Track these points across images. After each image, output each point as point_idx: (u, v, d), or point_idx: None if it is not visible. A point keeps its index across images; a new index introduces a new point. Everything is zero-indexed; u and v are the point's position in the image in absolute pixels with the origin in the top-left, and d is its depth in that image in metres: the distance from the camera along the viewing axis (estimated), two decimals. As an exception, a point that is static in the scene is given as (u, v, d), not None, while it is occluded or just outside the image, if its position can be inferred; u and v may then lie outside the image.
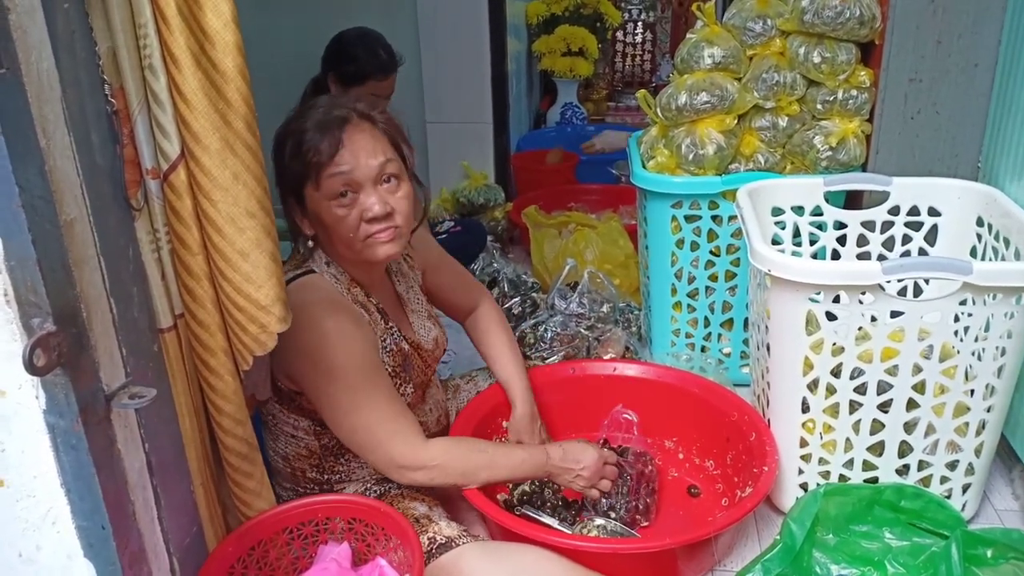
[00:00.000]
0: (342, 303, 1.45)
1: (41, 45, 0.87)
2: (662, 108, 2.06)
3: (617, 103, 4.73)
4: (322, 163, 1.35)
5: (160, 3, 0.99)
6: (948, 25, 1.88)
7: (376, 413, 1.41)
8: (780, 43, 2.01)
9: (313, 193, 1.39)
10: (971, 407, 1.56)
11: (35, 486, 0.97)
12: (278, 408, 1.52)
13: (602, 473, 1.58)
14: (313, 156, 1.36)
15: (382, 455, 1.42)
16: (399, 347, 1.54)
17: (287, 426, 1.53)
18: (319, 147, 1.35)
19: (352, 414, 1.41)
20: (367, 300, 1.52)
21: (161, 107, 1.03)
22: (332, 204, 1.38)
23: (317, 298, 1.42)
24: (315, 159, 1.36)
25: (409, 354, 1.57)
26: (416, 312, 1.65)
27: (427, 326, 1.66)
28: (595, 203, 3.39)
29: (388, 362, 1.52)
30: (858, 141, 1.99)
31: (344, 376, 1.39)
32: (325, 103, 1.42)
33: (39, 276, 0.86)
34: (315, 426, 1.52)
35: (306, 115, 1.40)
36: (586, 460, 1.55)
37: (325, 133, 1.36)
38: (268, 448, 1.58)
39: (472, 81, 3.29)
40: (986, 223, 1.75)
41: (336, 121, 1.37)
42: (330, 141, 1.35)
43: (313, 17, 3.23)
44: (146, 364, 1.08)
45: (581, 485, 1.57)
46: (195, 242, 1.11)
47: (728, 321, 2.18)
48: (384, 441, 1.42)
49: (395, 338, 1.55)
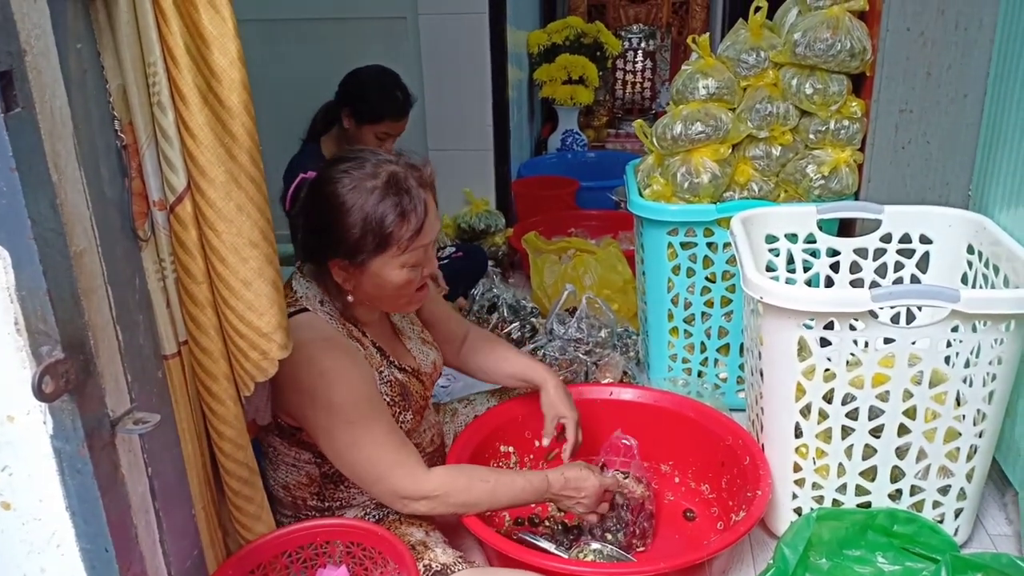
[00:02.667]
0: (338, 340, 1.47)
1: (55, 84, 0.91)
2: (658, 138, 2.10)
3: (617, 130, 4.78)
4: (409, 239, 1.41)
5: (169, 42, 1.03)
6: (937, 57, 1.93)
7: (376, 447, 1.43)
8: (773, 74, 2.05)
9: (386, 259, 1.41)
10: (962, 432, 1.58)
11: (40, 509, 1.00)
12: (279, 441, 1.54)
13: (602, 498, 1.60)
14: (401, 232, 1.39)
15: (384, 487, 1.45)
16: (396, 377, 1.56)
17: (288, 457, 1.55)
18: (407, 223, 1.39)
19: (352, 449, 1.43)
20: (362, 336, 1.54)
21: (169, 142, 1.07)
22: (405, 269, 1.43)
23: (313, 337, 1.43)
24: (403, 234, 1.40)
25: (407, 382, 1.59)
26: (412, 339, 1.68)
27: (424, 350, 1.69)
28: (594, 229, 3.43)
29: (387, 392, 1.54)
30: (850, 170, 2.03)
31: (342, 412, 1.41)
32: (378, 161, 1.42)
33: (49, 306, 0.89)
34: (316, 458, 1.54)
35: (373, 190, 1.38)
36: (587, 488, 1.56)
37: (411, 210, 1.39)
38: (268, 478, 1.59)
39: (474, 109, 3.34)
40: (976, 251, 1.78)
41: (416, 197, 1.41)
42: (417, 218, 1.40)
43: (319, 48, 3.29)
44: (150, 390, 1.11)
45: (581, 511, 1.59)
46: (200, 271, 1.14)
47: (724, 346, 2.21)
48: (386, 474, 1.44)
49: (392, 369, 1.56)
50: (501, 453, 1.83)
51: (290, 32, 3.34)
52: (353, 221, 1.39)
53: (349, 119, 2.41)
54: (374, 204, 1.38)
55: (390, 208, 1.38)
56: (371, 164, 1.41)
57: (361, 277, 1.45)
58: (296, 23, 3.35)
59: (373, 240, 1.39)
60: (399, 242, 1.40)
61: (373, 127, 2.40)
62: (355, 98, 2.41)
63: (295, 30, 3.35)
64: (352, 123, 2.41)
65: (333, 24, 3.32)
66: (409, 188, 1.41)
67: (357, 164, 1.42)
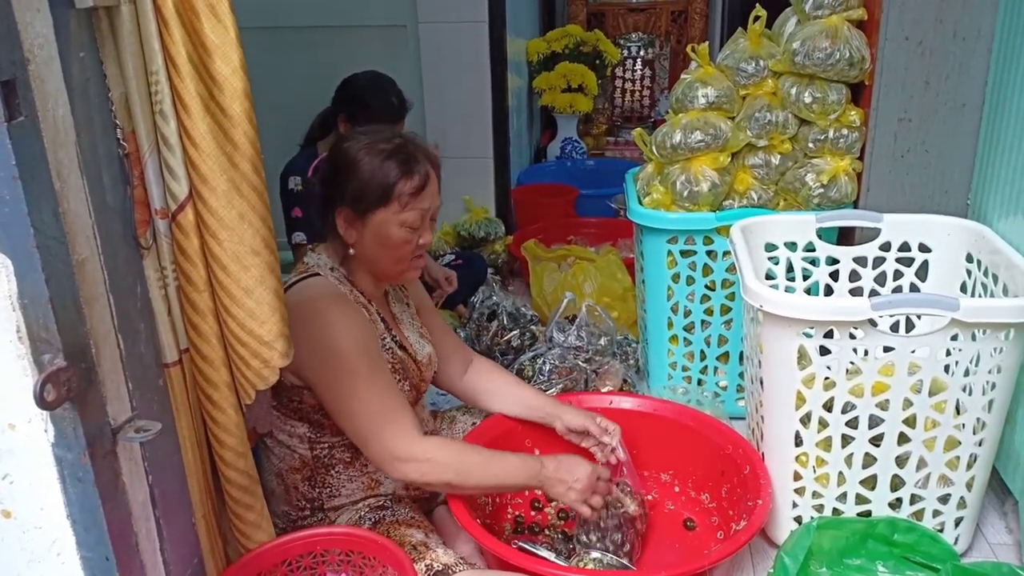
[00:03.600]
0: (346, 297, 1.55)
1: (58, 93, 0.92)
2: (657, 146, 2.11)
3: (616, 137, 4.80)
4: (410, 195, 1.51)
5: (171, 51, 1.04)
6: (936, 66, 1.94)
7: (375, 401, 1.47)
8: (772, 83, 2.06)
9: (387, 215, 1.51)
10: (962, 441, 1.58)
11: (41, 518, 1.00)
12: (276, 415, 1.57)
13: (594, 488, 1.59)
14: (403, 187, 1.50)
15: (378, 445, 1.47)
16: (395, 351, 1.61)
17: (282, 434, 1.57)
18: (410, 180, 1.51)
19: (352, 399, 1.47)
20: (368, 304, 1.60)
21: (171, 150, 1.07)
22: (402, 229, 1.52)
23: (322, 292, 1.53)
24: (404, 189, 1.50)
25: (405, 359, 1.63)
26: (409, 329, 1.71)
27: (421, 342, 1.72)
28: (594, 236, 3.43)
29: (387, 358, 1.58)
30: (849, 179, 2.03)
31: (347, 360, 1.47)
32: (392, 134, 1.57)
33: (51, 314, 0.89)
34: (310, 432, 1.56)
35: (383, 146, 1.53)
36: (580, 473, 1.57)
37: (415, 170, 1.52)
38: (263, 470, 1.61)
39: (473, 117, 3.35)
40: (975, 259, 1.79)
41: (422, 162, 1.54)
42: (420, 179, 1.52)
43: (319, 56, 3.30)
44: (151, 398, 1.11)
45: (573, 498, 1.57)
46: (201, 279, 1.14)
47: (724, 354, 2.21)
48: (380, 429, 1.46)
49: (391, 342, 1.61)
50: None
51: (291, 40, 3.35)
52: (361, 172, 1.51)
53: (345, 124, 2.42)
54: (381, 160, 1.51)
55: (395, 165, 1.51)
56: (386, 134, 1.56)
57: (364, 229, 1.53)
58: (297, 31, 3.36)
59: (377, 190, 1.50)
60: (400, 197, 1.50)
61: None
62: (350, 104, 2.42)
63: (296, 38, 3.36)
64: (348, 128, 2.42)
65: (333, 32, 3.33)
66: (415, 155, 1.53)
67: (374, 132, 1.57)
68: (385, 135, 1.56)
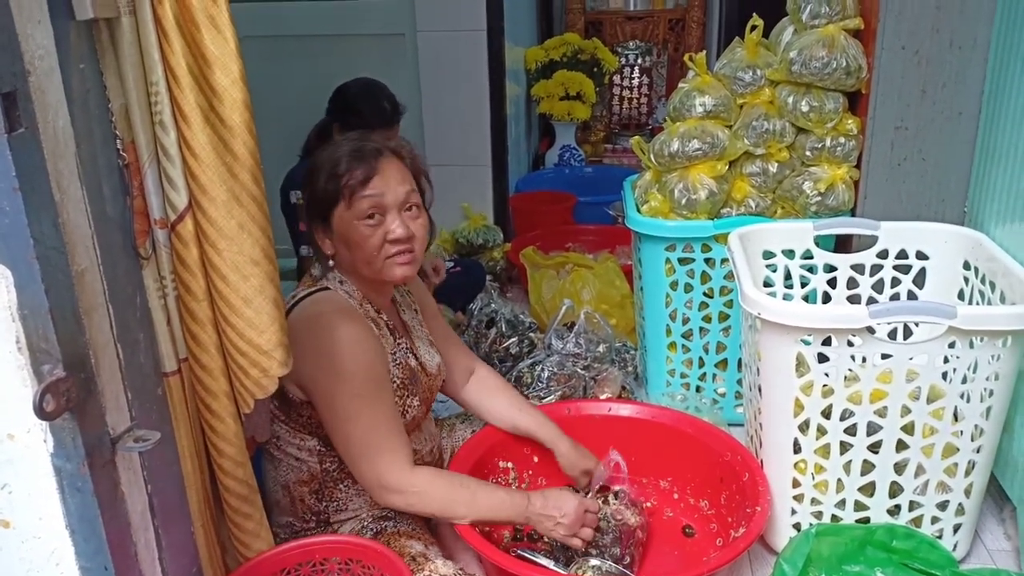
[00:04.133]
0: (356, 313, 1.53)
1: (58, 104, 0.92)
2: (655, 154, 2.11)
3: (614, 145, 4.80)
4: (356, 186, 1.48)
5: (171, 62, 1.04)
6: (932, 75, 1.94)
7: (373, 427, 1.46)
8: (769, 92, 2.07)
9: (343, 213, 1.49)
10: (960, 448, 1.59)
11: (40, 527, 1.00)
12: (284, 428, 1.56)
13: (583, 521, 1.58)
14: (349, 179, 1.48)
15: (369, 470, 1.47)
16: (407, 362, 1.61)
17: (292, 447, 1.57)
18: (354, 172, 1.48)
19: (351, 422, 1.46)
20: (377, 316, 1.59)
21: (170, 161, 1.08)
22: (360, 223, 1.49)
23: (332, 308, 1.51)
24: (350, 182, 1.48)
25: (416, 370, 1.63)
26: (419, 338, 1.71)
27: (430, 351, 1.72)
28: (592, 244, 3.44)
29: (397, 375, 1.57)
30: (846, 187, 2.04)
31: (351, 381, 1.45)
32: (358, 137, 1.57)
33: (51, 324, 0.90)
34: (320, 446, 1.56)
35: (341, 146, 1.53)
36: (567, 508, 1.55)
37: (361, 161, 1.49)
38: (268, 480, 1.62)
39: (472, 125, 3.36)
40: (973, 267, 1.80)
41: (372, 152, 1.51)
42: (365, 168, 1.49)
43: (318, 64, 3.31)
44: (150, 407, 1.11)
45: (562, 533, 1.56)
46: (200, 289, 1.14)
47: (722, 361, 2.21)
48: (374, 456, 1.46)
49: (403, 353, 1.61)
50: (500, 469, 1.83)
51: (290, 49, 3.36)
52: (317, 173, 1.52)
53: (340, 133, 2.43)
54: (335, 155, 1.51)
55: (344, 154, 1.50)
56: (359, 139, 1.55)
57: (333, 235, 1.53)
58: (296, 40, 3.37)
59: (327, 187, 1.49)
60: (347, 187, 1.48)
61: None
62: (343, 111, 2.43)
63: (295, 47, 3.37)
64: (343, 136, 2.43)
65: (332, 40, 3.34)
66: (365, 147, 1.51)
67: (348, 139, 1.56)
68: (351, 137, 1.56)
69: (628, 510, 1.72)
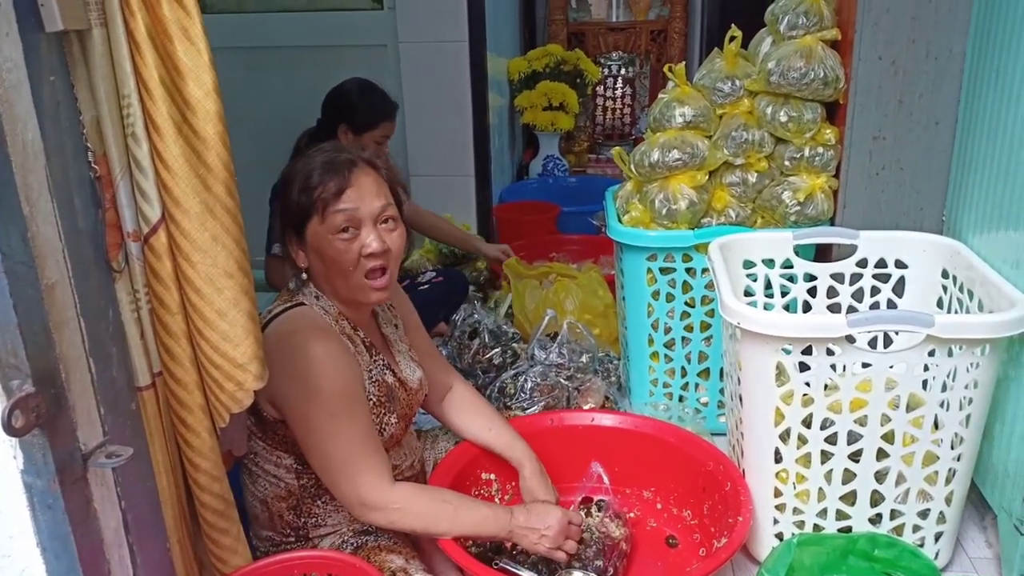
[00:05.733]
0: (331, 331, 1.51)
1: (27, 116, 0.91)
2: (636, 165, 2.12)
3: (598, 155, 4.81)
4: (329, 199, 1.45)
5: (144, 74, 1.03)
6: (909, 85, 1.96)
7: (350, 445, 1.45)
8: (748, 103, 2.08)
9: (317, 227, 1.46)
10: (940, 456, 1.59)
11: (11, 546, 0.98)
12: (261, 445, 1.54)
13: (567, 534, 1.57)
14: (321, 192, 1.45)
15: (348, 489, 1.45)
16: (384, 379, 1.58)
17: (269, 464, 1.55)
18: (327, 184, 1.45)
19: (328, 441, 1.44)
20: (354, 333, 1.57)
21: (143, 173, 1.07)
22: (334, 238, 1.46)
23: (306, 326, 1.48)
24: (323, 195, 1.45)
25: (395, 387, 1.61)
26: (401, 352, 1.70)
27: (411, 366, 1.70)
28: (576, 253, 3.43)
29: (373, 392, 1.55)
30: (825, 196, 2.05)
31: (327, 401, 1.43)
32: (331, 147, 1.54)
33: (20, 340, 0.88)
34: (297, 464, 1.54)
35: (314, 157, 1.50)
36: (550, 520, 1.54)
37: (334, 173, 1.46)
38: (247, 494, 1.60)
39: (454, 135, 3.36)
40: (951, 275, 1.81)
41: (345, 163, 1.48)
42: (338, 180, 1.46)
43: (300, 75, 3.31)
44: (124, 422, 1.10)
45: (547, 546, 1.54)
46: (174, 302, 1.13)
47: (705, 371, 2.22)
48: (353, 475, 1.44)
49: (380, 370, 1.58)
50: (483, 480, 1.82)
51: (272, 59, 3.36)
52: (290, 185, 1.49)
53: (347, 134, 2.48)
54: (308, 167, 1.48)
55: (317, 167, 1.47)
56: (331, 150, 1.52)
57: (307, 249, 1.50)
58: (278, 51, 3.37)
59: (300, 200, 1.47)
60: (320, 200, 1.45)
61: (372, 133, 2.50)
62: (348, 111, 2.47)
63: (277, 57, 3.37)
64: (350, 136, 2.48)
65: (315, 52, 3.34)
66: (341, 157, 1.49)
67: (320, 150, 1.52)
68: (325, 147, 1.53)
69: (612, 522, 1.71)
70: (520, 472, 1.77)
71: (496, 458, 1.81)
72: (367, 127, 2.49)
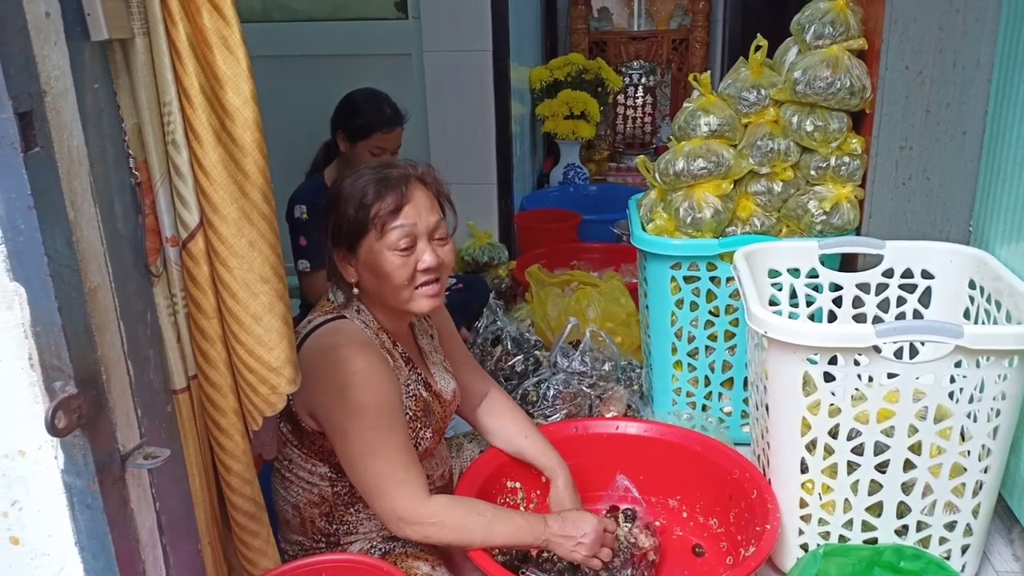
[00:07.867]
0: (372, 346, 1.52)
1: (72, 124, 0.93)
2: (660, 173, 2.12)
3: (619, 164, 4.83)
4: (387, 216, 1.47)
5: (184, 83, 1.06)
6: (936, 95, 1.96)
7: (389, 461, 1.45)
8: (774, 112, 2.08)
9: (373, 243, 1.48)
10: (967, 468, 1.58)
11: (50, 545, 1.00)
12: (296, 453, 1.55)
13: (603, 541, 1.57)
14: (379, 209, 1.47)
15: (385, 504, 1.45)
16: (420, 394, 1.59)
17: (303, 471, 1.56)
18: (385, 201, 1.47)
19: (367, 457, 1.45)
20: (393, 348, 1.58)
21: (182, 179, 1.09)
22: (392, 254, 1.47)
23: (348, 340, 1.49)
24: (380, 212, 1.47)
25: (430, 401, 1.62)
26: (436, 364, 1.71)
27: (446, 377, 1.71)
28: (597, 262, 3.44)
29: (410, 407, 1.56)
30: (851, 206, 2.05)
31: (367, 416, 1.44)
32: (379, 165, 1.55)
33: (63, 341, 0.90)
34: (332, 472, 1.55)
35: (363, 174, 1.51)
36: (587, 528, 1.54)
37: (390, 189, 1.48)
38: (278, 498, 1.61)
39: (477, 144, 3.39)
40: (978, 286, 1.80)
41: (399, 179, 1.50)
42: (395, 197, 1.47)
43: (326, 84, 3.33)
44: (160, 425, 1.12)
45: (583, 554, 1.54)
46: (210, 306, 1.15)
47: (728, 380, 2.21)
48: (391, 490, 1.45)
49: (418, 384, 1.59)
50: (508, 489, 1.82)
51: (298, 68, 3.40)
52: (343, 202, 1.49)
53: (344, 142, 2.48)
54: (361, 184, 1.49)
55: (371, 184, 1.48)
56: (383, 167, 1.53)
57: (358, 264, 1.51)
58: (304, 59, 3.40)
59: (356, 219, 1.47)
60: (378, 218, 1.46)
61: (366, 143, 2.46)
62: (345, 118, 2.47)
63: (303, 66, 3.40)
64: (347, 145, 2.48)
65: (340, 60, 3.38)
66: (391, 175, 1.49)
67: (368, 167, 1.54)
68: (373, 165, 1.54)
69: (642, 532, 1.71)
70: (553, 481, 1.77)
71: (522, 466, 1.82)
72: (361, 134, 2.45)
